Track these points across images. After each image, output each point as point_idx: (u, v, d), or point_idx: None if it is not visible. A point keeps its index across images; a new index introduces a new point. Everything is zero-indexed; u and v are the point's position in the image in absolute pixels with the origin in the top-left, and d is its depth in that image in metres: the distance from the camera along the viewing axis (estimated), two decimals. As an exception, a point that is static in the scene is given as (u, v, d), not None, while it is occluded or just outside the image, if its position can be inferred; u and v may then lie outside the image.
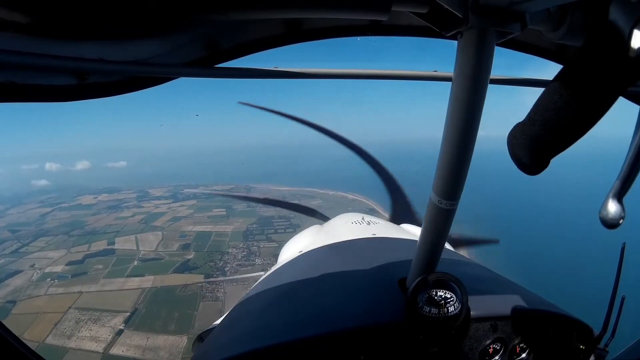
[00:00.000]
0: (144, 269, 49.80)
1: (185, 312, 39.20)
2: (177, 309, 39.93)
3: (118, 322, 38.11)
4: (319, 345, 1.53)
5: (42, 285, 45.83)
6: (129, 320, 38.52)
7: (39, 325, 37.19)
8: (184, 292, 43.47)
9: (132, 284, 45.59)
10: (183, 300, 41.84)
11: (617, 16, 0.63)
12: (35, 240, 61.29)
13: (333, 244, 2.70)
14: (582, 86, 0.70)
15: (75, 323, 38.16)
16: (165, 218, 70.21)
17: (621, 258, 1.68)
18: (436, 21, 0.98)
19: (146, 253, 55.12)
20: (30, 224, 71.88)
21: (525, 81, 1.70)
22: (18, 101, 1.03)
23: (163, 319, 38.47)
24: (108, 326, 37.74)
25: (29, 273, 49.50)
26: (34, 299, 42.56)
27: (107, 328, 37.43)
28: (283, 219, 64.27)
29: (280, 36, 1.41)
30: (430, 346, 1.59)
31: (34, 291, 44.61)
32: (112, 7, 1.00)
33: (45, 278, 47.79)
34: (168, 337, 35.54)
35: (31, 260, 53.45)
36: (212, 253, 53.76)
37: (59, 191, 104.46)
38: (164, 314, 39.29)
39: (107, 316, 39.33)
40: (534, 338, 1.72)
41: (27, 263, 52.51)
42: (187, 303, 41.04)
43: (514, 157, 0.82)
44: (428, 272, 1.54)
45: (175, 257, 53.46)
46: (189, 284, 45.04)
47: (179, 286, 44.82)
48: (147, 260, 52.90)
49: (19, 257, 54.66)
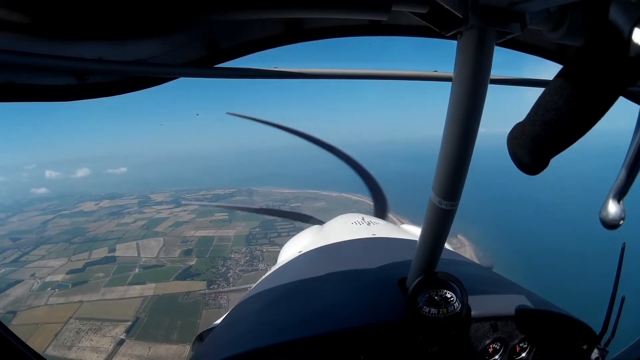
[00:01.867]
0: (146, 276, 49.23)
1: (187, 320, 38.53)
2: (179, 317, 39.32)
3: (119, 332, 37.50)
4: (319, 345, 1.54)
5: (43, 295, 45.34)
6: (131, 329, 37.93)
7: (39, 336, 36.55)
8: (186, 300, 42.87)
9: (133, 292, 45.05)
10: (185, 308, 41.22)
11: (617, 16, 0.64)
12: (36, 249, 60.98)
13: (333, 244, 2.69)
14: (582, 86, 0.70)
15: (75, 333, 37.60)
16: (167, 223, 69.74)
17: (621, 258, 1.69)
18: (436, 21, 0.98)
19: (147, 260, 54.55)
20: (31, 231, 71.70)
21: (525, 81, 1.70)
22: (18, 101, 1.04)
23: (165, 328, 37.85)
24: (109, 336, 37.15)
25: (30, 282, 49.07)
26: (34, 310, 42.06)
27: (109, 338, 36.85)
28: (287, 222, 63.30)
29: (280, 36, 1.41)
30: (430, 346, 1.60)
31: (34, 301, 44.15)
32: (112, 7, 1.01)
33: (46, 287, 47.34)
34: (171, 347, 34.86)
35: (32, 269, 53.01)
36: (214, 259, 53.10)
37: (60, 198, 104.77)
38: (166, 323, 38.67)
39: (108, 326, 38.75)
40: (534, 338, 1.72)
41: (28, 272, 52.06)
42: (190, 311, 40.41)
43: (513, 157, 0.82)
44: (428, 272, 1.54)
45: (176, 263, 52.87)
46: (191, 292, 44.44)
47: (181, 294, 44.21)
48: (148, 267, 52.31)
49: (19, 267, 54.26)
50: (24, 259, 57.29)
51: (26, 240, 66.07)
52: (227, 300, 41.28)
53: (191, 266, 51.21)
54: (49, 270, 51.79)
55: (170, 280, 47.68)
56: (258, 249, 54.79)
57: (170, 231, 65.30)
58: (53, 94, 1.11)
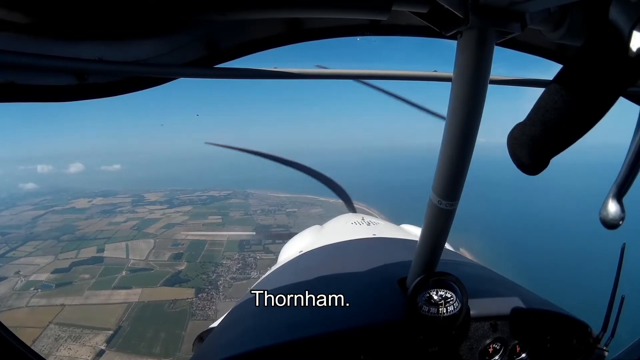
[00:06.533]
0: (132, 280, 47.36)
1: (172, 332, 36.68)
2: (164, 328, 37.42)
3: (100, 341, 35.75)
4: (319, 345, 1.55)
5: (25, 295, 43.63)
6: (112, 339, 36.10)
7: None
8: (172, 309, 40.97)
9: (117, 298, 43.21)
10: (171, 318, 39.33)
11: (617, 16, 0.64)
12: (24, 244, 59.30)
13: (333, 244, 2.69)
14: (582, 86, 0.70)
15: (54, 340, 35.83)
16: (159, 225, 67.69)
17: (621, 258, 1.68)
18: (436, 21, 0.98)
19: (136, 262, 52.61)
20: (21, 226, 70.00)
21: (525, 81, 1.70)
22: (18, 101, 1.05)
23: (148, 340, 35.99)
24: (89, 345, 35.39)
25: (14, 280, 47.36)
26: (14, 311, 40.30)
27: (88, 347, 35.08)
28: (282, 228, 61.84)
29: (280, 36, 1.40)
30: (430, 346, 1.59)
31: (16, 301, 42.49)
32: (112, 7, 1.02)
33: (29, 287, 45.60)
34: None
35: (17, 266, 51.31)
36: (205, 264, 51.02)
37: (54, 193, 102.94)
38: (149, 334, 36.80)
39: (89, 334, 36.98)
40: (534, 338, 1.71)
41: (13, 269, 50.37)
42: (175, 321, 38.54)
43: (514, 157, 0.82)
44: (428, 272, 1.55)
45: (165, 267, 50.84)
46: (178, 299, 42.58)
47: (167, 301, 42.31)
48: (136, 270, 50.38)
49: (5, 263, 52.65)
50: (10, 254, 55.57)
51: (15, 235, 64.45)
52: (216, 311, 39.27)
53: (180, 271, 49.27)
54: (35, 269, 50.07)
55: (158, 285, 45.79)
56: (251, 256, 52.67)
57: (161, 233, 63.32)
58: (53, 94, 1.11)
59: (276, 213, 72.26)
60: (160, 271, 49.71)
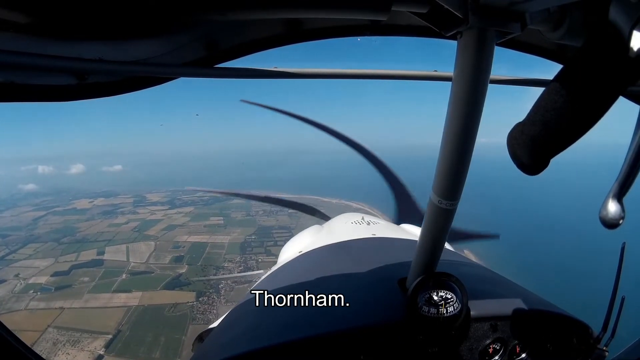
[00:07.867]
0: (132, 283, 46.99)
1: (172, 336, 36.24)
2: (164, 332, 37.01)
3: (98, 346, 35.36)
4: (319, 345, 1.55)
5: (24, 298, 43.38)
6: (111, 343, 35.70)
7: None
8: (172, 313, 40.57)
9: (117, 301, 42.85)
10: (171, 322, 38.93)
11: (617, 16, 0.64)
12: (24, 247, 59.03)
13: (333, 244, 2.69)
14: (582, 86, 0.70)
15: (52, 345, 35.50)
16: (160, 226, 67.39)
17: (621, 258, 1.68)
18: (436, 21, 0.98)
19: (136, 265, 52.27)
20: (22, 228, 69.69)
21: (525, 81, 1.70)
22: (18, 101, 1.05)
23: (148, 344, 35.58)
24: (87, 350, 35.00)
25: (13, 283, 47.14)
26: (13, 314, 39.97)
27: (86, 352, 34.68)
28: (284, 229, 61.22)
29: (280, 36, 1.40)
30: (430, 346, 1.59)
31: (15, 304, 42.22)
32: (112, 7, 1.02)
33: (28, 290, 45.35)
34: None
35: (17, 269, 51.04)
36: (206, 267, 50.70)
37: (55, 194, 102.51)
38: (149, 338, 36.38)
39: (88, 338, 36.62)
40: (534, 338, 1.71)
41: (12, 272, 50.07)
42: (176, 326, 38.11)
43: (513, 157, 0.82)
44: (428, 272, 1.55)
45: (166, 270, 50.45)
46: (178, 303, 42.15)
47: (167, 305, 41.91)
48: (136, 273, 50.02)
49: (4, 265, 52.34)
50: (10, 257, 55.30)
51: (15, 237, 64.11)
52: (216, 314, 38.85)
53: (181, 274, 48.86)
54: (34, 271, 49.83)
55: (158, 289, 45.42)
56: (253, 258, 52.24)
57: (162, 235, 62.97)
58: (53, 94, 1.11)
59: (278, 214, 71.53)
60: (160, 274, 49.35)
